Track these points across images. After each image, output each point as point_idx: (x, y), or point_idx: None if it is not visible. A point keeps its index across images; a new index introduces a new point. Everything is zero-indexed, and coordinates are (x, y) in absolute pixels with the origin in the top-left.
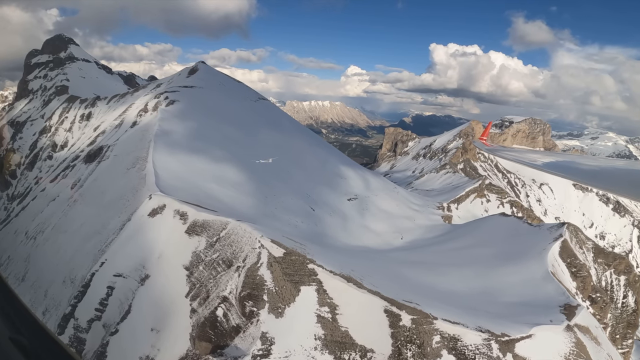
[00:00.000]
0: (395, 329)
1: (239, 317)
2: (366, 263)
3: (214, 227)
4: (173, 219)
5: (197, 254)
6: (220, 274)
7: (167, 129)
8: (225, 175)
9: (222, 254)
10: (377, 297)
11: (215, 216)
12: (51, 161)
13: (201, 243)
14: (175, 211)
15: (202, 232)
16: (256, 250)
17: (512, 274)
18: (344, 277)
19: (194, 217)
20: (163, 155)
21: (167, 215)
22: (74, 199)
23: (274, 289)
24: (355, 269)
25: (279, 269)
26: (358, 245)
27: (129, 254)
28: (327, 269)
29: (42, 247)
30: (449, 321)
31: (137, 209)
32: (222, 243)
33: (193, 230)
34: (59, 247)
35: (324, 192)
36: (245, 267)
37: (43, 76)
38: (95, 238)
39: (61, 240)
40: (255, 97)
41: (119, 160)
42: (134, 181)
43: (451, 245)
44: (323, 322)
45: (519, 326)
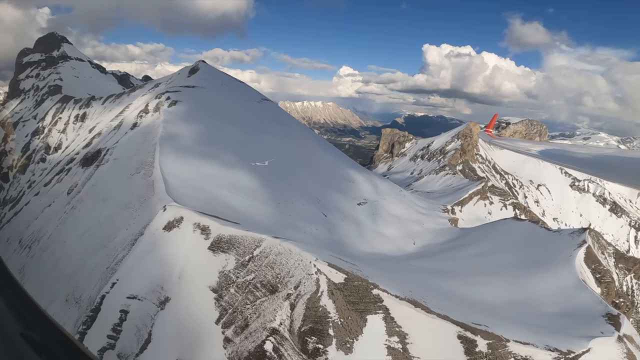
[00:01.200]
0: (472, 356)
1: (296, 353)
2: (406, 277)
3: (244, 244)
4: (193, 234)
5: (225, 275)
6: (260, 300)
7: (173, 132)
8: (237, 182)
9: (260, 276)
10: (448, 322)
11: (243, 231)
12: (45, 164)
13: (229, 262)
14: (195, 225)
15: (230, 250)
16: (313, 276)
17: (543, 282)
18: (410, 301)
19: (218, 232)
20: (170, 160)
21: (185, 229)
22: (71, 206)
23: (339, 321)
24: (412, 288)
25: (341, 297)
26: (373, 253)
27: (144, 273)
28: (392, 294)
29: (38, 258)
30: (520, 342)
31: (150, 221)
32: (257, 263)
33: (218, 246)
34: (58, 259)
35: (334, 197)
36: (302, 297)
37: (35, 75)
38: (101, 252)
39: (60, 252)
40: (258, 97)
41: (119, 165)
42: (140, 188)
43: (469, 252)
44: (394, 354)
45: (577, 340)
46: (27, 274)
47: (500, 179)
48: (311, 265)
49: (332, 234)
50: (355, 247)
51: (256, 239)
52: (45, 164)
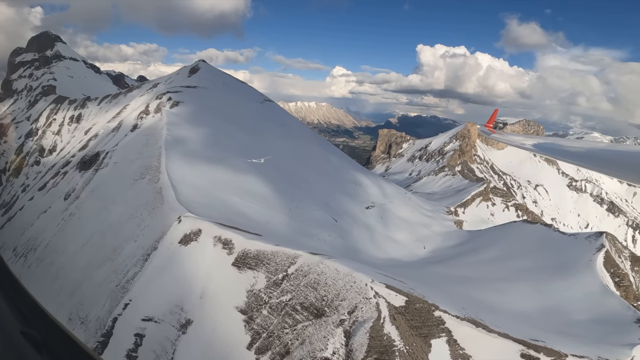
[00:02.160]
0: None
1: None
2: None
3: (275, 261)
4: (214, 248)
5: (255, 294)
6: (303, 325)
7: (178, 135)
8: (248, 187)
9: (299, 297)
10: (509, 341)
11: (273, 246)
12: (39, 167)
13: (259, 280)
14: (215, 238)
15: (258, 266)
16: (371, 300)
17: (568, 289)
18: (470, 321)
19: (243, 247)
20: (178, 165)
21: (204, 243)
22: (69, 212)
23: (405, 348)
24: (463, 304)
25: (404, 322)
26: (387, 259)
27: (161, 292)
28: (453, 314)
29: (35, 269)
30: (576, 356)
31: (164, 234)
32: (293, 282)
33: (244, 263)
34: (57, 271)
35: (343, 201)
36: (362, 324)
37: (28, 75)
38: (107, 266)
39: (59, 263)
40: (260, 98)
41: (120, 169)
42: (147, 195)
43: (484, 256)
44: None
45: (619, 348)
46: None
47: (498, 179)
48: (367, 288)
49: (345, 240)
50: (369, 253)
51: (290, 255)
52: (40, 167)
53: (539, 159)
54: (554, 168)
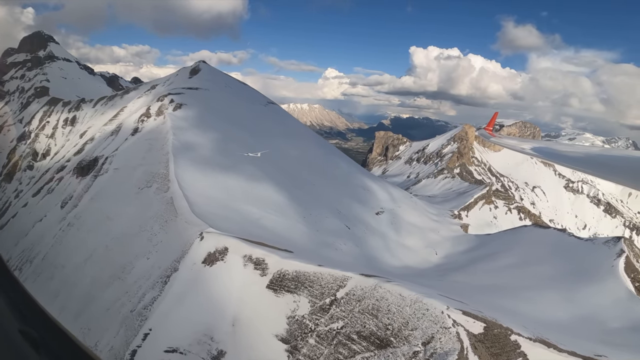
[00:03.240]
0: None
1: None
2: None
3: (319, 284)
4: (244, 269)
5: (297, 321)
6: (362, 356)
7: (186, 140)
8: (263, 196)
9: (355, 324)
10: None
11: (315, 267)
12: (32, 172)
13: (301, 305)
14: (245, 257)
15: (299, 289)
16: (451, 330)
17: (596, 296)
18: (540, 341)
19: (279, 267)
20: (188, 172)
21: (233, 263)
22: (67, 222)
23: None
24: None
25: (484, 351)
26: (402, 266)
27: (185, 320)
28: (525, 336)
29: (31, 284)
30: None
31: (184, 253)
32: (345, 308)
33: (281, 285)
34: (58, 288)
35: (353, 207)
36: (444, 356)
37: (20, 76)
38: (116, 286)
39: (60, 279)
40: (264, 100)
41: (122, 176)
42: (156, 206)
43: (501, 263)
44: None
45: None
46: None
47: (496, 181)
48: (444, 316)
49: (362, 249)
50: (385, 261)
51: (337, 278)
52: (33, 172)
53: (536, 161)
54: (551, 170)
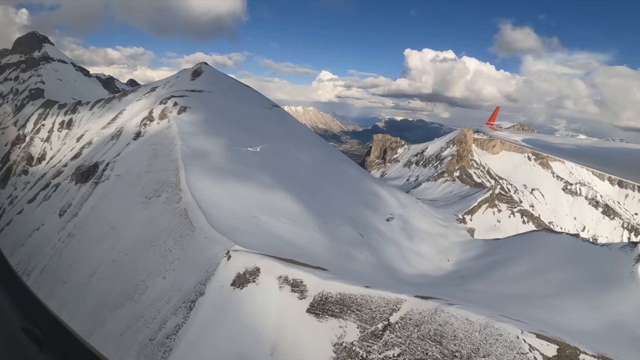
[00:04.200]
0: None
1: None
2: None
3: (369, 307)
4: (280, 292)
5: (347, 349)
6: None
7: (196, 147)
8: (278, 205)
9: (415, 351)
10: None
11: (361, 288)
12: (27, 177)
13: (348, 331)
14: (280, 279)
15: (345, 314)
16: (528, 355)
17: (620, 302)
18: (602, 358)
19: (320, 289)
20: (201, 182)
21: (267, 285)
22: (67, 232)
23: None
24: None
25: None
26: (418, 274)
27: (217, 350)
28: (590, 354)
29: None
30: None
31: (210, 274)
32: (401, 334)
33: (323, 309)
34: (59, 307)
35: (364, 214)
36: None
37: (14, 78)
38: (128, 309)
39: (61, 297)
40: (268, 104)
41: (126, 183)
42: (168, 218)
43: (518, 270)
44: None
45: None
46: None
47: (495, 184)
48: (520, 340)
49: (378, 258)
50: (402, 270)
51: (389, 300)
52: (28, 177)
53: (534, 163)
54: (549, 172)
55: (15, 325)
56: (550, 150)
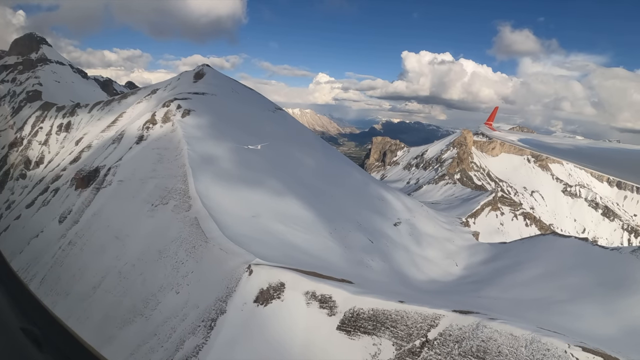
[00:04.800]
0: None
1: None
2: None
3: (405, 323)
4: (308, 308)
5: None
6: None
7: (204, 151)
8: (289, 212)
9: None
10: None
11: (395, 304)
12: (25, 181)
13: (383, 348)
14: (307, 294)
15: (379, 331)
16: None
17: (635, 307)
18: None
19: (351, 305)
20: (211, 189)
21: (292, 301)
22: (68, 240)
23: None
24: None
25: None
26: (429, 280)
27: None
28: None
29: None
30: None
31: (231, 290)
32: (441, 351)
33: (355, 326)
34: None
35: (372, 218)
36: None
37: (11, 80)
38: (138, 325)
39: (64, 309)
40: (272, 106)
41: (129, 189)
42: (178, 227)
43: (529, 275)
44: None
45: None
46: None
47: (495, 186)
48: (568, 355)
49: (390, 264)
50: (414, 277)
51: (426, 316)
52: (26, 181)
53: (533, 165)
54: (548, 174)
55: (14, 325)
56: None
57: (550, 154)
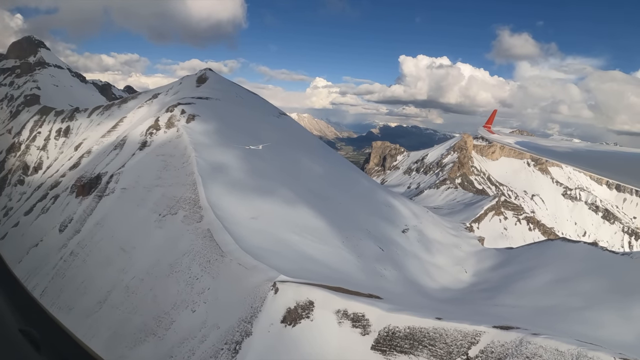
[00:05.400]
0: None
1: None
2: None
3: (443, 341)
4: (340, 328)
5: None
6: None
7: (213, 159)
8: (302, 222)
9: None
10: None
11: (432, 321)
12: (23, 187)
13: None
14: (338, 313)
15: (417, 349)
16: None
17: None
18: None
19: (385, 324)
20: (223, 199)
21: (322, 320)
22: (69, 250)
23: None
24: None
25: None
26: (441, 288)
27: None
28: None
29: None
30: None
31: (256, 310)
32: None
33: (391, 345)
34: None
35: (380, 225)
36: None
37: (9, 84)
38: (150, 346)
39: (66, 323)
40: (276, 112)
41: (134, 198)
42: (189, 239)
43: (541, 280)
44: None
45: None
46: None
47: (495, 190)
48: None
49: (403, 273)
50: (426, 285)
51: (467, 333)
52: (24, 187)
53: (533, 169)
54: (548, 177)
55: (12, 327)
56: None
57: (548, 156)
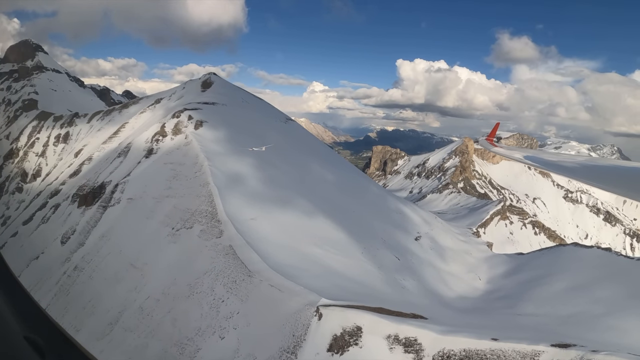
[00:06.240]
0: None
1: None
2: None
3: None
4: (391, 354)
5: None
6: None
7: (228, 169)
8: (322, 234)
9: None
10: None
11: (488, 342)
12: (21, 194)
13: None
14: (389, 338)
15: None
16: None
17: None
18: None
19: (439, 347)
20: (243, 211)
21: (373, 347)
22: (74, 264)
23: None
24: None
25: None
26: (458, 297)
27: None
28: None
29: None
30: None
31: (299, 340)
32: None
33: None
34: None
35: (394, 234)
36: None
37: (6, 88)
38: None
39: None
40: (283, 117)
41: (141, 209)
42: (209, 257)
43: (558, 287)
44: None
45: None
46: None
47: (497, 193)
48: None
49: (422, 283)
50: (444, 294)
51: (525, 353)
52: (23, 195)
53: (534, 172)
54: (549, 180)
55: (17, 334)
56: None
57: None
